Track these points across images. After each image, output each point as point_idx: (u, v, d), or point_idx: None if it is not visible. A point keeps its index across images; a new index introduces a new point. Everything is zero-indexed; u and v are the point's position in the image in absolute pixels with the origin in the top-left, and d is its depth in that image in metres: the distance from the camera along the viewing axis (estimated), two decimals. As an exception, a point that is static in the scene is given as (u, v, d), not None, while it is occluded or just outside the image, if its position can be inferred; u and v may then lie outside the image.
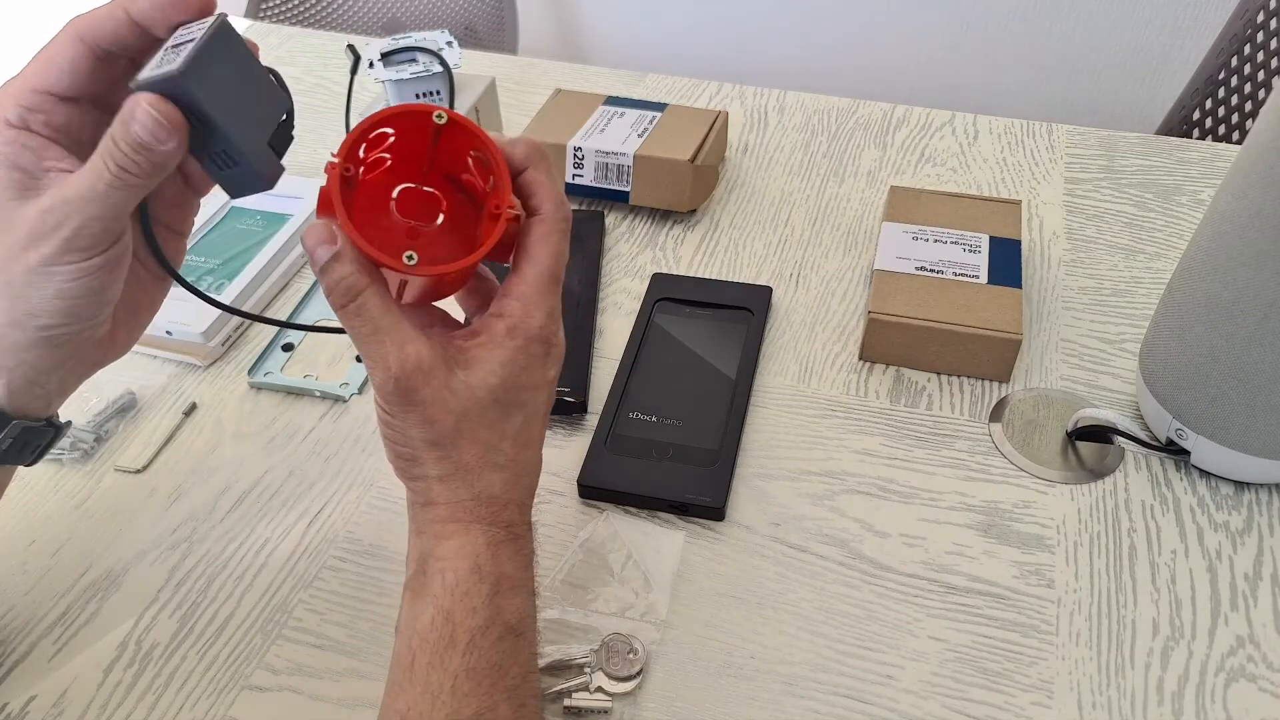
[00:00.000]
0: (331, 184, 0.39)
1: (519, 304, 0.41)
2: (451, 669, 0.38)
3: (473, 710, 0.38)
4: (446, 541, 0.40)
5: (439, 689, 0.38)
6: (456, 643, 0.39)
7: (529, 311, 0.41)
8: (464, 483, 0.41)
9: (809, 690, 0.48)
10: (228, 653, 0.50)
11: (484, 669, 0.39)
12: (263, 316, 0.56)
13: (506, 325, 0.41)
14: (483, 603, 0.39)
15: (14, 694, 0.49)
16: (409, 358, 0.39)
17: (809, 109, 0.90)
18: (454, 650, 0.38)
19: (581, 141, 0.76)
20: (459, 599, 0.39)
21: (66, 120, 0.39)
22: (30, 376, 0.41)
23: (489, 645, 0.39)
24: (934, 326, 0.62)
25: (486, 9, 1.59)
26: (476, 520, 0.41)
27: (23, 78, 0.39)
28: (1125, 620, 0.51)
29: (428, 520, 0.41)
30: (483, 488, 0.41)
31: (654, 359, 0.64)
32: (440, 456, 0.40)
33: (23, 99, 0.38)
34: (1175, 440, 0.57)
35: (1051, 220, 0.77)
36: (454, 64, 0.78)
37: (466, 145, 0.42)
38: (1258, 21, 1.09)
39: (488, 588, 0.40)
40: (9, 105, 0.38)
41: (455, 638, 0.39)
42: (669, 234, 0.77)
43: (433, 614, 0.39)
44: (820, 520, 0.56)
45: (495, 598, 0.40)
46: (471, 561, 0.40)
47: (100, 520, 0.57)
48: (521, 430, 0.42)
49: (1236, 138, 1.13)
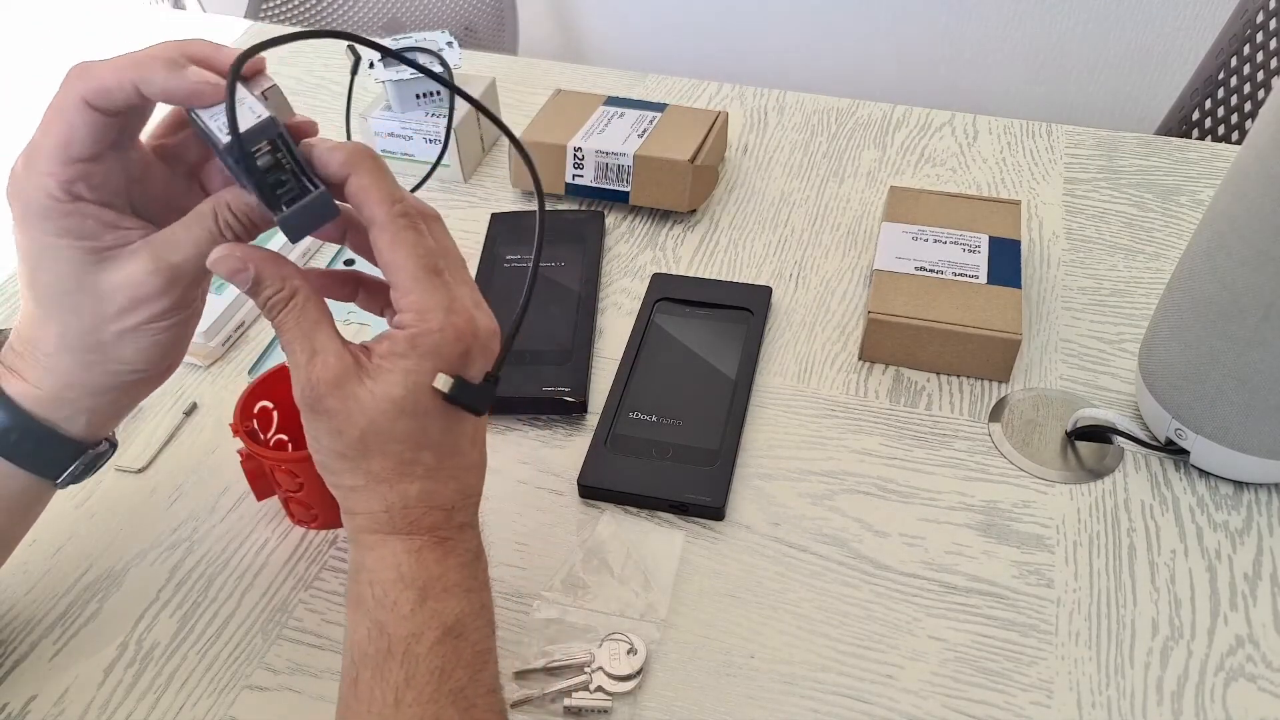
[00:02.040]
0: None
1: (411, 314, 0.39)
2: (393, 681, 0.38)
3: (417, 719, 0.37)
4: (370, 552, 0.40)
5: (383, 703, 0.38)
6: (394, 654, 0.38)
7: (423, 315, 0.38)
8: (375, 494, 0.40)
9: (809, 690, 0.48)
10: (228, 653, 0.50)
11: (424, 676, 0.38)
12: None
13: (407, 335, 0.38)
14: (411, 610, 0.39)
15: (14, 694, 0.49)
16: (316, 367, 0.38)
17: (809, 109, 0.90)
18: (391, 661, 0.38)
19: (581, 142, 0.76)
20: (388, 609, 0.39)
21: (103, 179, 0.39)
22: (109, 413, 0.43)
23: (425, 651, 0.39)
24: (934, 326, 0.62)
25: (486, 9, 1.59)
26: (393, 531, 0.40)
27: (47, 151, 0.37)
28: (1125, 620, 0.51)
29: (353, 529, 0.41)
30: (395, 499, 0.40)
31: (654, 359, 0.64)
32: (350, 468, 0.40)
33: (61, 173, 0.37)
34: (1175, 440, 0.57)
35: (1051, 220, 0.77)
36: (454, 64, 0.78)
37: None
38: (1257, 21, 1.09)
39: (414, 594, 0.39)
40: (50, 184, 0.37)
41: (391, 649, 0.38)
42: (669, 234, 0.77)
43: (368, 627, 0.39)
44: (820, 520, 0.56)
45: (426, 602, 0.39)
46: (395, 571, 0.40)
47: (100, 520, 0.57)
48: (446, 437, 0.40)
49: (1236, 138, 1.13)
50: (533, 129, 0.79)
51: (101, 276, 0.39)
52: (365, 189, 0.38)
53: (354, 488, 0.40)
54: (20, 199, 0.38)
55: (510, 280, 0.70)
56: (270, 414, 0.56)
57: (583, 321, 0.67)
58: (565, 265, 0.72)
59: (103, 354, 0.40)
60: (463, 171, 0.82)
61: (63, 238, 0.38)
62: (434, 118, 0.79)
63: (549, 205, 0.80)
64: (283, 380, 0.56)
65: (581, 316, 0.67)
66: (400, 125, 0.80)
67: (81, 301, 0.39)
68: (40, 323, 0.40)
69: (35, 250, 0.39)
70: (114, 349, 0.40)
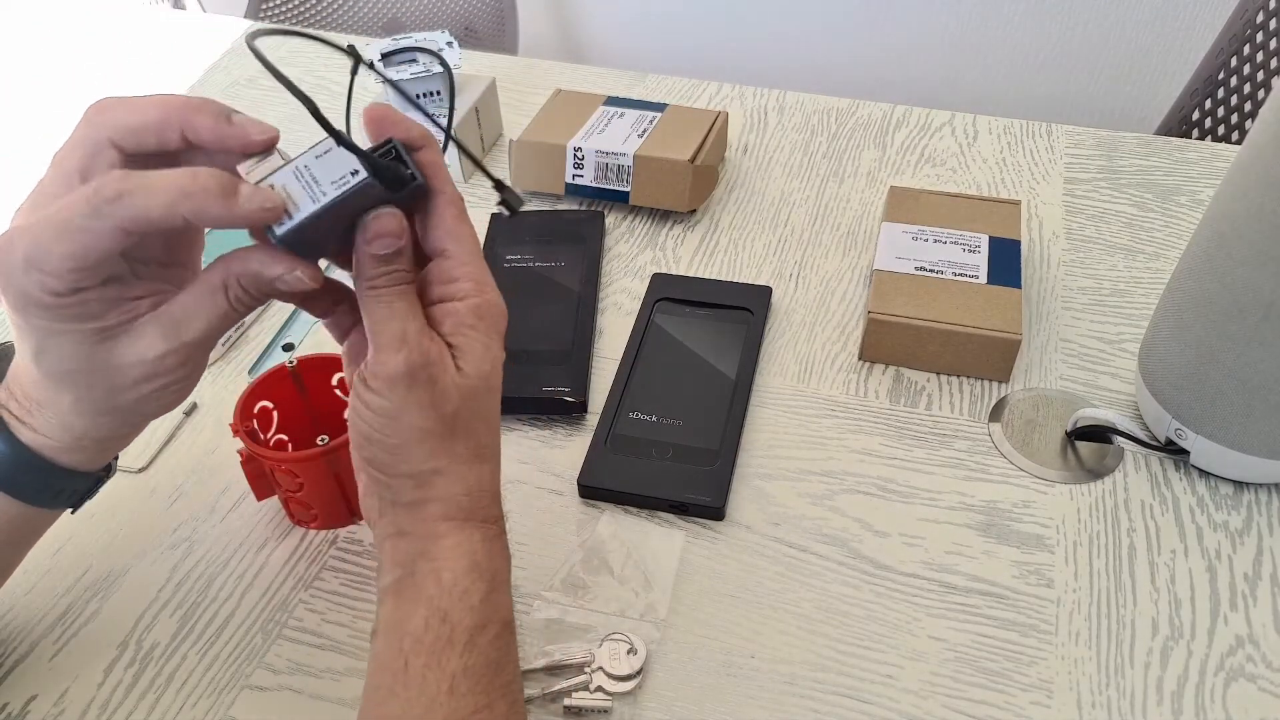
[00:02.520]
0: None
1: (470, 283, 0.39)
2: (449, 669, 0.37)
3: (470, 709, 0.37)
4: (441, 541, 0.39)
5: (436, 690, 0.37)
6: (454, 643, 0.38)
7: (480, 286, 0.39)
8: (457, 476, 0.40)
9: (809, 690, 0.48)
10: (228, 652, 0.50)
11: (481, 667, 0.38)
12: None
13: (470, 305, 0.39)
14: (480, 600, 0.39)
15: (14, 694, 0.49)
16: (425, 341, 0.38)
17: (809, 109, 0.90)
18: (451, 650, 0.38)
19: (581, 142, 0.76)
20: (457, 598, 0.38)
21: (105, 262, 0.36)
22: (121, 445, 0.43)
23: (487, 643, 0.39)
24: (933, 326, 0.62)
25: (486, 9, 1.59)
26: (470, 518, 0.40)
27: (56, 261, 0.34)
28: (1125, 620, 0.51)
29: (414, 520, 0.40)
30: (474, 481, 0.40)
31: (654, 359, 0.64)
32: (432, 449, 0.39)
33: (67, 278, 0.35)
34: (1174, 440, 0.57)
35: (1051, 220, 0.77)
36: (454, 64, 0.78)
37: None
38: (1257, 21, 1.09)
39: (485, 585, 0.39)
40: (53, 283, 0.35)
41: (453, 638, 0.38)
42: (669, 234, 0.77)
43: (426, 615, 0.38)
44: (820, 520, 0.56)
45: (492, 594, 0.39)
46: (469, 560, 0.39)
47: (100, 520, 0.57)
48: (495, 416, 0.41)
49: (1236, 138, 1.13)
50: (533, 129, 0.79)
51: (113, 354, 0.37)
52: (436, 165, 0.39)
53: (436, 470, 0.39)
54: (14, 290, 0.35)
55: (510, 280, 0.70)
56: (270, 414, 0.56)
57: (583, 321, 0.67)
58: (565, 265, 0.72)
59: (120, 414, 0.40)
60: (462, 171, 0.82)
61: (66, 324, 0.36)
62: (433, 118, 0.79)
63: (549, 205, 0.80)
64: (283, 380, 0.56)
65: (581, 316, 0.67)
66: (400, 125, 0.80)
67: (94, 379, 0.38)
68: (50, 391, 0.39)
69: (36, 336, 0.37)
70: (132, 408, 0.39)
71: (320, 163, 0.37)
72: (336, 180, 0.37)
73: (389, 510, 0.40)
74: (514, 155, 0.78)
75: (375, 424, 0.38)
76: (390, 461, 0.39)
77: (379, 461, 0.39)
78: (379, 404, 0.38)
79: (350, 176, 0.36)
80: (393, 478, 0.39)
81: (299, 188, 0.37)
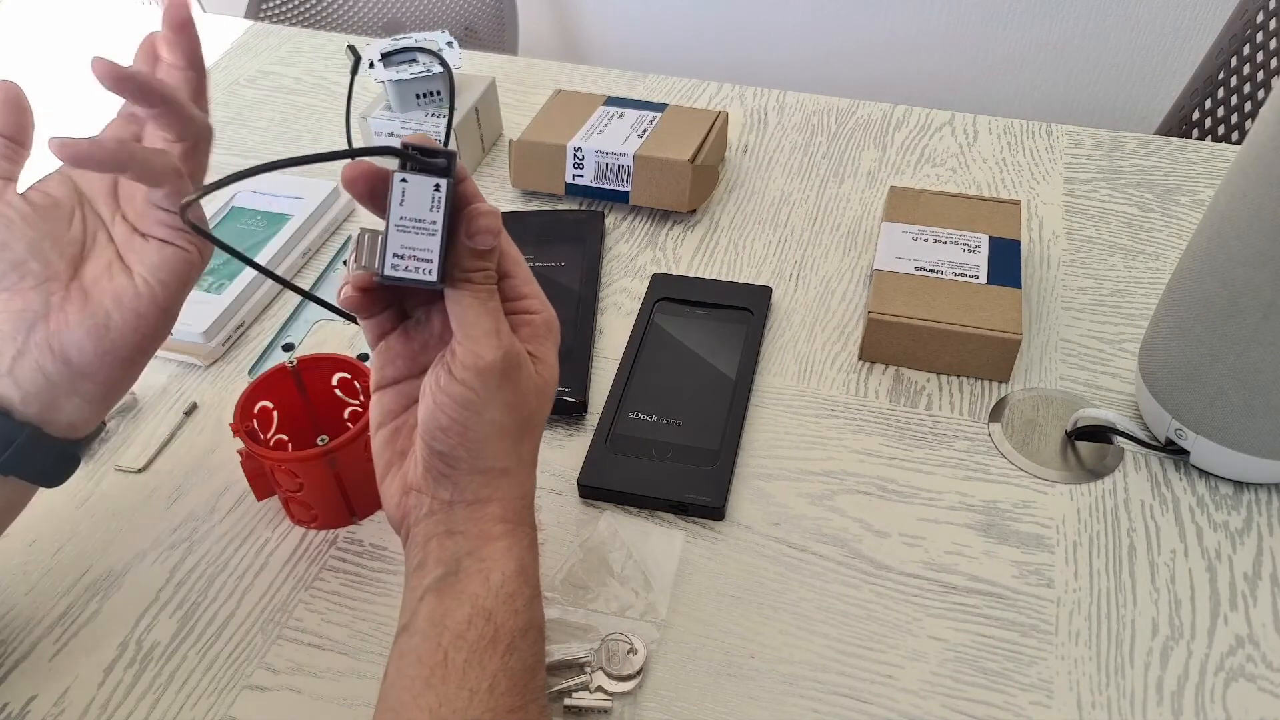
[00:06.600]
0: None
1: (537, 299, 0.42)
2: (490, 669, 0.38)
3: (507, 708, 0.38)
4: (494, 543, 0.40)
5: (476, 687, 0.37)
6: (498, 643, 0.38)
7: (544, 303, 0.42)
8: (518, 479, 0.41)
9: (809, 690, 0.48)
10: (228, 653, 0.50)
11: (520, 670, 0.39)
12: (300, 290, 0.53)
13: (544, 319, 0.42)
14: (525, 605, 0.40)
15: (14, 694, 0.49)
16: (515, 341, 0.40)
17: (809, 109, 0.90)
18: (494, 650, 0.38)
19: (581, 142, 0.76)
20: (503, 600, 0.39)
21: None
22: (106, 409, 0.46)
23: (527, 647, 0.39)
24: (933, 326, 0.62)
25: (486, 9, 1.59)
26: (522, 521, 0.41)
27: None
28: (1125, 620, 0.51)
29: (471, 519, 0.40)
30: (530, 487, 0.42)
31: (654, 359, 0.64)
32: (505, 449, 0.40)
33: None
34: (1174, 440, 0.57)
35: (1051, 220, 0.77)
36: (454, 64, 0.78)
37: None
38: (1257, 21, 1.09)
39: (530, 590, 0.40)
40: None
41: (496, 638, 0.38)
42: (669, 234, 0.77)
43: (470, 613, 0.38)
44: (820, 520, 0.56)
45: (534, 600, 0.40)
46: (518, 563, 0.40)
47: (100, 520, 0.57)
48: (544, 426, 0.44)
49: (1236, 138, 1.13)
50: (533, 129, 0.79)
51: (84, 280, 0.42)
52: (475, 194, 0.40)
53: (505, 470, 0.40)
54: None
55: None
56: (270, 414, 0.56)
57: (583, 321, 0.67)
58: (565, 265, 0.72)
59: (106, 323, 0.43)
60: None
61: None
62: (434, 118, 0.79)
63: (549, 205, 0.80)
64: (283, 380, 0.56)
65: (581, 316, 0.67)
66: (400, 125, 0.80)
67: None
68: None
69: None
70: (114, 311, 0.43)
71: (405, 207, 0.38)
72: (430, 205, 0.38)
73: (442, 509, 0.40)
74: (514, 155, 0.78)
75: (458, 416, 0.39)
76: (464, 456, 0.39)
77: (453, 456, 0.39)
78: (465, 396, 0.38)
79: (435, 192, 0.37)
80: (462, 473, 0.40)
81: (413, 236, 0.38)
